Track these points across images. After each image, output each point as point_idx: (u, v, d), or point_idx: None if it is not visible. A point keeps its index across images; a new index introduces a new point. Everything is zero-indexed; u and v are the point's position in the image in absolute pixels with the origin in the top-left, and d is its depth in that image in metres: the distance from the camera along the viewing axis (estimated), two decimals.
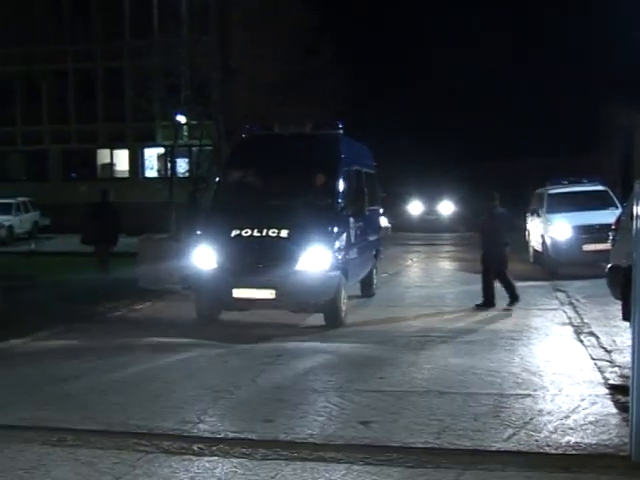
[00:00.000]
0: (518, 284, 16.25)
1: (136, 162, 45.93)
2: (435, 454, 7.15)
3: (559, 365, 10.53)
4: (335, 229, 13.64)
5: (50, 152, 46.56)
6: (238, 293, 13.10)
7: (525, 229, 25.35)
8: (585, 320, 13.89)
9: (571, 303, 15.72)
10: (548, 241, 21.32)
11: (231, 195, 14.89)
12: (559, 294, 17.13)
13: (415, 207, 46.42)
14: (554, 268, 20.84)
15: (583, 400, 8.69)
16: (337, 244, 13.56)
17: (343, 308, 13.68)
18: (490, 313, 15.02)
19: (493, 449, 7.28)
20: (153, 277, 18.35)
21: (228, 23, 33.36)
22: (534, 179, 32.68)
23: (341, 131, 15.28)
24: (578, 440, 7.42)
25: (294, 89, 30.21)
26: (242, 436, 7.68)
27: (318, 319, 13.71)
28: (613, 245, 13.80)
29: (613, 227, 14.45)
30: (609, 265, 13.20)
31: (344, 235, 13.95)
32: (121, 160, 46.50)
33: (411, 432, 7.71)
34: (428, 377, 9.94)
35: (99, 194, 19.21)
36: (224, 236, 13.45)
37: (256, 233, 13.27)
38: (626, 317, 11.28)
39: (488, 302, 15.48)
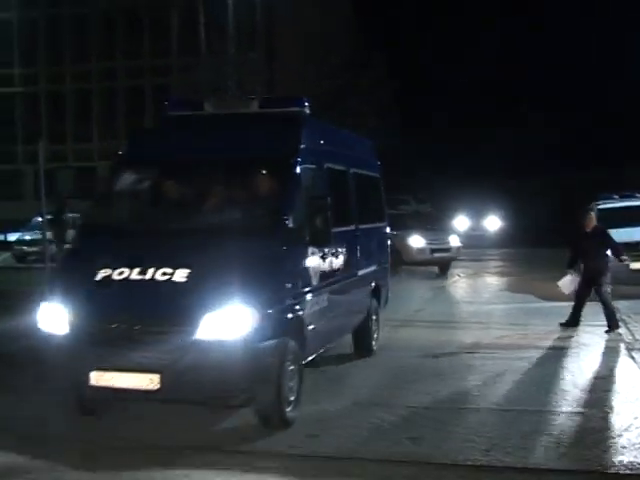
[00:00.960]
0: (569, 303, 16.00)
1: None
2: (484, 471, 7.09)
3: (610, 382, 10.38)
4: (274, 266, 8.38)
5: (99, 169, 47.11)
6: (98, 379, 7.89)
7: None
8: (637, 337, 13.68)
9: (622, 320, 15.48)
10: None
11: (109, 213, 9.77)
12: None
13: (461, 222, 45.49)
14: None
15: (636, 419, 8.53)
16: (277, 292, 8.31)
17: (291, 398, 8.45)
18: (542, 330, 14.81)
19: (543, 467, 7.18)
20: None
21: (275, 40, 33.62)
22: (586, 193, 32.37)
23: (305, 109, 10.13)
24: (631, 459, 7.28)
25: (340, 105, 30.29)
26: (290, 452, 7.66)
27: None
28: None
29: None
30: None
31: (294, 275, 8.78)
32: None
33: (459, 449, 7.63)
34: (477, 393, 9.84)
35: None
36: (85, 280, 8.30)
37: (136, 275, 8.08)
38: None
39: (574, 321, 14.74)
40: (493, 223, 47.62)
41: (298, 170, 9.27)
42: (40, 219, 25.41)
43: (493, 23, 55.14)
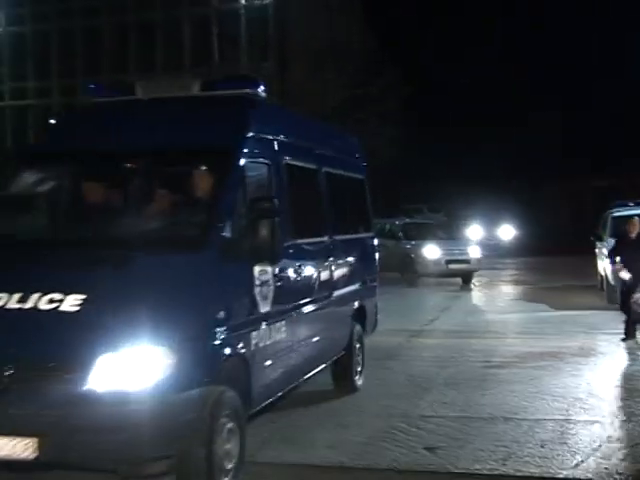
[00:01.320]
0: (583, 312, 15.98)
1: None
2: None
3: (627, 391, 10.35)
4: (200, 290, 6.38)
5: None
6: None
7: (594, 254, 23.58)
8: None
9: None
10: (607, 268, 20.42)
11: None
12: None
13: (474, 231, 44.64)
14: (613, 298, 18.86)
15: None
16: (203, 324, 6.34)
17: (229, 466, 6.41)
18: (556, 338, 14.78)
19: (561, 476, 7.16)
20: None
21: (287, 50, 33.73)
22: (601, 201, 32.18)
23: (260, 92, 8.14)
24: None
25: (354, 113, 30.34)
26: (308, 462, 7.67)
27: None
28: None
29: None
30: None
31: (229, 301, 6.74)
32: None
33: (476, 458, 7.61)
34: (493, 402, 9.82)
35: None
36: None
37: (14, 303, 6.09)
38: None
39: (630, 333, 14.07)
40: (507, 232, 47.28)
41: (241, 164, 7.22)
42: None
43: (493, 24, 55.10)
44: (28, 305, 6.00)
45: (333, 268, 9.48)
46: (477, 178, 49.95)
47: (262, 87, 8.12)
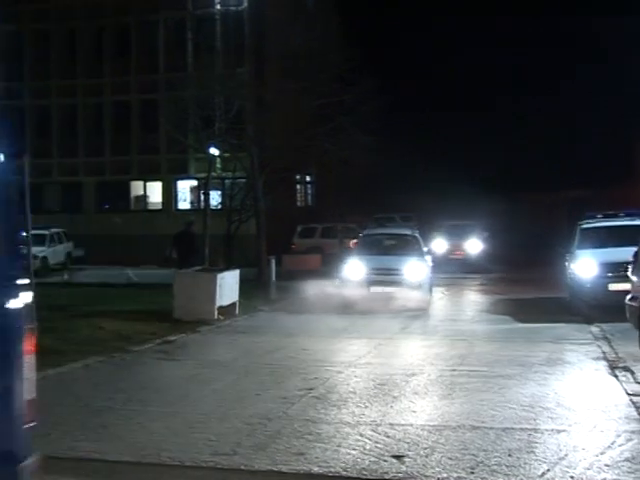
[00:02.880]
0: (550, 323, 16.08)
1: (169, 194, 46.25)
2: None
3: (593, 400, 10.44)
4: None
5: (84, 184, 47.03)
6: None
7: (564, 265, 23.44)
8: (620, 355, 13.74)
9: (605, 338, 15.58)
10: (573, 279, 20.45)
11: None
12: (593, 329, 16.98)
13: (439, 245, 38.03)
14: (579, 308, 19.63)
15: (619, 436, 8.60)
16: None
17: None
18: (523, 347, 14.90)
19: None
20: (188, 309, 18.46)
21: (263, 56, 33.70)
22: (568, 212, 32.29)
23: None
24: (614, 477, 7.34)
25: (329, 121, 30.33)
26: (276, 469, 7.69)
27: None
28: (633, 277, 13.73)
29: (632, 260, 14.43)
30: (629, 296, 13.16)
31: None
32: (155, 192, 46.86)
33: (444, 467, 7.67)
34: (461, 411, 9.88)
35: (184, 224, 23.01)
36: None
37: None
38: None
39: None
40: (474, 245, 40.68)
41: None
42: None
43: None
44: None
45: None
46: (451, 189, 50.10)
47: None
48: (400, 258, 22.03)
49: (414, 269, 21.64)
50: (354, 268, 21.82)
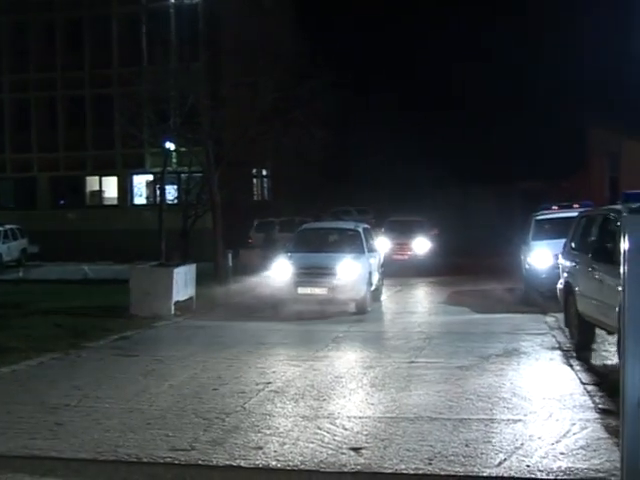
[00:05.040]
0: (506, 314, 16.20)
1: (125, 189, 45.91)
2: None
3: (549, 390, 10.56)
4: None
5: (39, 179, 46.53)
6: None
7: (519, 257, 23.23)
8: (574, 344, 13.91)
9: (560, 328, 15.73)
10: (529, 270, 20.73)
11: None
12: (548, 319, 17.15)
13: (382, 244, 29.16)
14: (535, 299, 19.92)
15: (574, 425, 8.71)
16: None
17: None
18: (479, 339, 15.02)
19: (485, 475, 7.29)
20: (144, 304, 18.33)
21: (218, 50, 33.50)
22: (522, 204, 32.42)
23: None
24: (569, 465, 7.43)
25: (284, 116, 30.27)
26: (234, 464, 7.67)
27: None
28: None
29: (562, 249, 15.19)
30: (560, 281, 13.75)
31: None
32: (110, 187, 46.48)
33: (402, 458, 7.70)
34: (419, 403, 9.93)
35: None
36: None
37: None
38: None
39: None
40: (421, 244, 34.59)
41: None
42: None
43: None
44: None
45: None
46: (409, 183, 50.22)
47: None
48: (335, 256, 19.88)
49: (349, 268, 19.30)
50: (282, 267, 19.84)
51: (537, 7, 51.77)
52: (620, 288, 10.14)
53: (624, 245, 6.85)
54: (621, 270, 6.95)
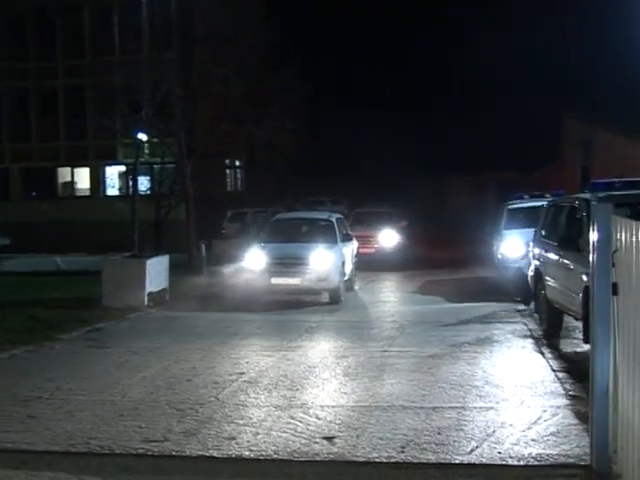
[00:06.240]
0: (478, 303, 16.28)
1: (97, 180, 45.62)
2: (399, 468, 7.22)
3: (521, 377, 10.65)
4: None
5: (10, 170, 46.14)
6: None
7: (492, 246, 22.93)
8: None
9: (532, 315, 15.85)
10: (501, 258, 20.67)
11: None
12: (520, 307, 17.27)
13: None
14: (507, 287, 19.77)
15: (545, 411, 8.79)
16: None
17: None
18: (452, 327, 15.10)
19: (457, 462, 7.35)
20: (117, 296, 18.25)
21: (190, 41, 33.35)
22: (495, 194, 32.50)
23: None
24: (540, 451, 7.51)
25: (257, 106, 30.24)
26: (207, 454, 7.68)
27: None
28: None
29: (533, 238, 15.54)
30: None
31: None
32: (82, 178, 46.16)
33: (375, 447, 7.75)
34: (391, 392, 9.98)
35: None
36: None
37: None
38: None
39: None
40: (389, 238, 31.96)
41: None
42: None
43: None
44: None
45: None
46: (383, 174, 50.30)
47: None
48: (308, 246, 19.88)
49: (321, 258, 19.34)
50: (256, 257, 19.89)
51: None
52: (584, 276, 10.33)
53: (592, 234, 6.91)
54: (590, 258, 7.03)
